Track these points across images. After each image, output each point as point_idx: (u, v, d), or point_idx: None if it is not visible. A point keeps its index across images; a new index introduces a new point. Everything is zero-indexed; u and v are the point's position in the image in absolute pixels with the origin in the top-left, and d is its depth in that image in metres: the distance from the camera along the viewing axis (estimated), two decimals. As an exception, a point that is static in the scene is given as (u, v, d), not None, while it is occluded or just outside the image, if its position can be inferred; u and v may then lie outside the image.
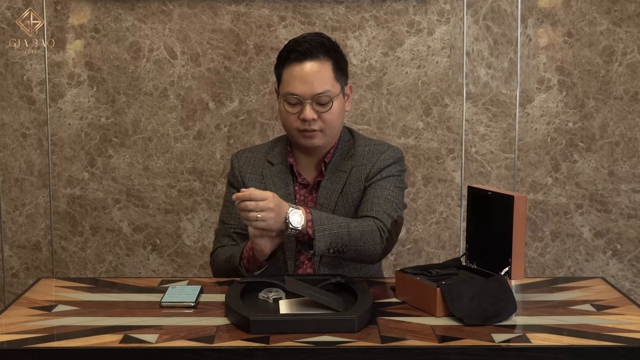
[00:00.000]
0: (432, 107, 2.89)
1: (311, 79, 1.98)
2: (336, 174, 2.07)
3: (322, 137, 2.03)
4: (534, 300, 1.79)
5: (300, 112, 2.00)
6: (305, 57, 1.99)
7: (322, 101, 1.99)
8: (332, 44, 2.04)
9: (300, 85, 1.98)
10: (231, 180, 2.15)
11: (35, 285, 1.90)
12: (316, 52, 2.00)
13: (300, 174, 2.09)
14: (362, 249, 1.89)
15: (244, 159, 2.14)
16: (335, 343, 1.49)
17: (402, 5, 2.83)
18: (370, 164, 2.05)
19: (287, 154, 2.11)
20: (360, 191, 2.05)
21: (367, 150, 2.09)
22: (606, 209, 2.93)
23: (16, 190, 2.93)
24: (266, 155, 2.13)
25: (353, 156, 2.08)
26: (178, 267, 2.97)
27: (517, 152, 2.91)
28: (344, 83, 2.07)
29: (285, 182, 2.08)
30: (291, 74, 2.00)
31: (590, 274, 2.95)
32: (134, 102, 2.88)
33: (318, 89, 1.98)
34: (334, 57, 2.03)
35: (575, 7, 2.84)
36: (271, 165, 2.11)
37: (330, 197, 2.04)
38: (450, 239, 2.95)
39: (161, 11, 2.83)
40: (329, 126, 2.02)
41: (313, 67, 1.99)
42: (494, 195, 1.81)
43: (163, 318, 1.65)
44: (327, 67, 2.01)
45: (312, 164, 2.10)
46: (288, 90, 2.00)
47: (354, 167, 2.06)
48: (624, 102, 2.88)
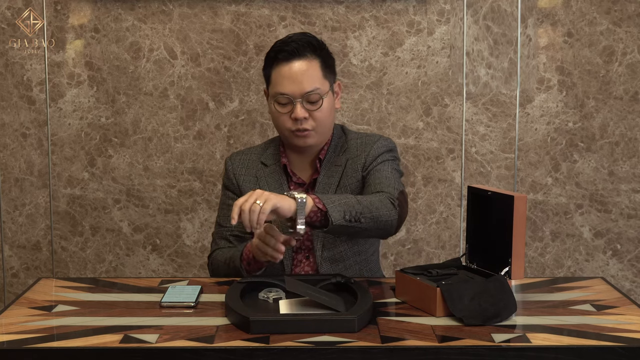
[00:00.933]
0: (432, 107, 2.89)
1: (300, 77, 1.99)
2: (332, 169, 2.08)
3: (315, 136, 2.04)
4: (534, 300, 1.79)
5: (291, 112, 2.00)
6: (293, 56, 2.00)
7: (312, 99, 2.00)
8: (318, 42, 2.05)
9: (290, 84, 1.99)
10: (226, 184, 2.15)
11: (35, 285, 1.90)
12: (303, 50, 2.01)
13: (294, 174, 2.10)
14: (377, 216, 1.85)
15: (238, 161, 2.15)
16: (335, 343, 1.49)
17: (402, 5, 2.83)
18: (365, 153, 2.06)
19: (280, 154, 2.11)
20: (358, 181, 2.05)
21: (359, 142, 2.10)
22: (606, 209, 2.94)
23: (16, 190, 2.93)
24: (259, 156, 2.14)
25: (347, 150, 2.09)
26: (178, 267, 2.97)
27: (517, 152, 2.91)
28: (332, 80, 2.08)
29: (279, 183, 2.08)
30: (280, 73, 2.01)
31: (590, 274, 2.95)
32: (134, 102, 2.88)
33: (307, 87, 1.99)
34: (321, 55, 2.04)
35: (575, 7, 2.84)
36: (265, 167, 2.12)
37: (327, 192, 2.05)
38: (450, 239, 2.95)
39: (161, 11, 2.83)
40: (320, 124, 2.02)
41: (301, 65, 2.00)
42: (494, 195, 1.81)
43: (163, 318, 1.65)
44: (315, 65, 2.01)
45: (306, 163, 2.11)
46: (277, 90, 2.01)
47: (349, 159, 2.07)
48: (624, 102, 2.88)
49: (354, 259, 2.07)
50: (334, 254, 2.04)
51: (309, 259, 2.06)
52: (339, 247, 2.04)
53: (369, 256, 2.12)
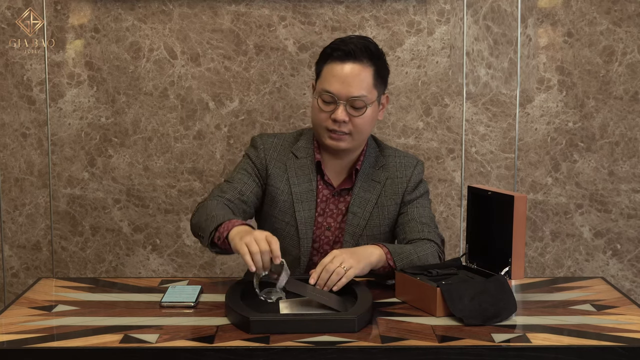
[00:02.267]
0: (432, 107, 2.89)
1: (350, 80, 1.96)
2: (369, 183, 2.06)
3: (350, 141, 2.01)
4: (534, 300, 1.80)
5: (332, 112, 1.97)
6: (348, 57, 1.97)
7: (357, 105, 1.97)
8: (377, 50, 2.02)
9: (338, 84, 1.96)
10: (253, 158, 2.09)
11: (35, 285, 1.90)
12: (360, 54, 1.97)
13: (325, 173, 2.07)
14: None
15: (270, 143, 2.09)
16: (335, 343, 1.49)
17: (402, 5, 2.83)
18: (406, 177, 2.07)
19: (313, 149, 2.08)
20: (397, 204, 2.06)
21: (398, 161, 2.09)
22: (606, 209, 2.94)
23: (16, 190, 2.93)
24: (290, 146, 2.10)
25: (385, 166, 2.08)
26: (178, 267, 2.97)
27: (517, 152, 2.91)
28: (381, 91, 2.04)
29: (308, 177, 2.05)
30: (331, 71, 1.98)
31: (590, 274, 2.95)
32: (134, 102, 2.88)
33: (355, 92, 1.96)
34: (377, 64, 2.01)
35: (575, 7, 2.84)
36: (295, 158, 2.07)
37: (364, 207, 2.04)
38: (450, 239, 2.95)
39: (161, 11, 2.83)
40: (358, 131, 1.99)
41: (354, 69, 1.97)
42: (494, 195, 1.81)
43: (163, 318, 1.65)
44: (368, 72, 1.98)
45: (338, 167, 2.08)
46: (325, 88, 1.98)
47: (388, 178, 2.07)
48: (624, 102, 2.88)
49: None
50: None
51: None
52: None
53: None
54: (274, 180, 2.05)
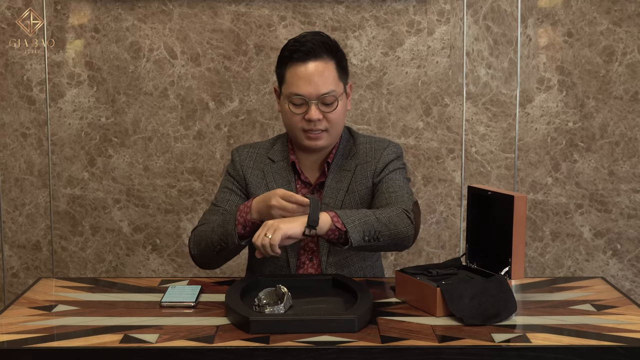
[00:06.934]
0: (432, 107, 2.89)
1: (316, 79, 1.97)
2: (340, 173, 2.06)
3: (327, 138, 2.02)
4: (534, 300, 1.79)
5: (305, 113, 1.99)
6: (309, 56, 1.98)
7: (328, 101, 1.98)
8: (333, 43, 2.04)
9: (305, 85, 1.97)
10: (231, 172, 2.13)
11: (35, 285, 1.90)
12: (320, 51, 1.98)
13: (302, 172, 2.09)
14: (395, 233, 1.86)
15: (245, 154, 2.13)
16: (335, 343, 1.49)
17: (402, 5, 2.83)
18: (375, 160, 2.06)
19: (288, 151, 2.10)
20: (368, 188, 2.05)
21: (369, 147, 2.09)
22: (606, 209, 2.94)
23: (16, 190, 2.93)
24: (267, 152, 2.12)
25: (355, 154, 2.08)
26: (178, 267, 2.97)
27: (517, 152, 2.91)
28: (345, 82, 2.07)
29: (287, 180, 2.07)
30: (295, 74, 1.98)
31: (590, 274, 2.95)
32: (134, 102, 2.88)
33: (323, 89, 1.97)
34: (337, 56, 2.02)
35: (575, 7, 2.84)
36: (272, 163, 2.10)
37: (336, 196, 2.04)
38: (450, 239, 2.95)
39: (161, 11, 2.83)
40: (333, 126, 2.01)
41: (317, 67, 1.98)
42: (494, 195, 1.81)
43: (163, 318, 1.65)
44: (331, 66, 2.00)
45: (313, 163, 2.10)
46: (293, 91, 1.99)
47: (358, 165, 2.07)
48: (624, 102, 2.88)
49: (359, 264, 2.07)
50: (339, 260, 2.04)
51: (312, 261, 2.05)
52: (345, 253, 2.03)
53: (374, 262, 2.12)
54: (253, 188, 2.07)
